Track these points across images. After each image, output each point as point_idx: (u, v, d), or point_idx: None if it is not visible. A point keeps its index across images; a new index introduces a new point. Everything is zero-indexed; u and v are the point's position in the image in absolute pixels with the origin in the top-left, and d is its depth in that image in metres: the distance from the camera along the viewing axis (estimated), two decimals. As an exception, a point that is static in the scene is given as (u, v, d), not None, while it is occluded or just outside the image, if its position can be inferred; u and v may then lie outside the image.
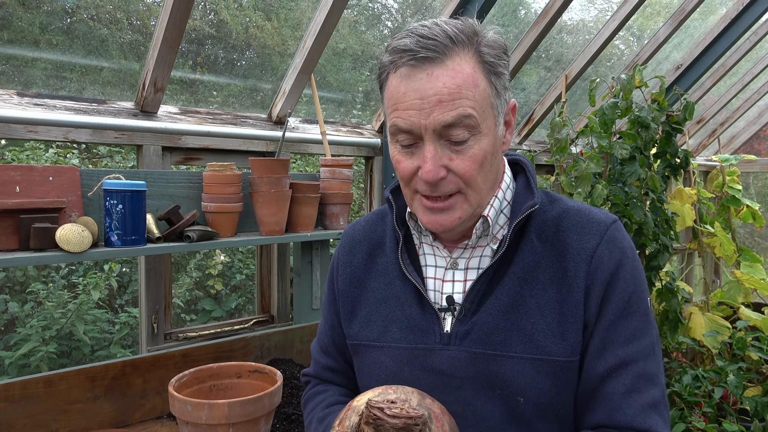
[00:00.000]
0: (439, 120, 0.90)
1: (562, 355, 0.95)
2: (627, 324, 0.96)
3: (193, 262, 4.27)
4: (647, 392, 0.94)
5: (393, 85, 0.95)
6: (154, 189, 1.87)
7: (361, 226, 1.20)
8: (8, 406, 1.60)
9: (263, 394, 1.50)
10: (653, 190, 2.88)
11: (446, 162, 0.93)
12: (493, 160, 0.97)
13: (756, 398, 2.84)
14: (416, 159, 0.95)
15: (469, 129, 0.92)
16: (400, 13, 3.04)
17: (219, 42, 2.33)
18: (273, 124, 2.43)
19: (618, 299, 0.96)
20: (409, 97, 0.92)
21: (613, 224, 1.01)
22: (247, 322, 2.43)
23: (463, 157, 0.93)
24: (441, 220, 0.97)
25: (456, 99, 0.90)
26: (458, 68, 0.91)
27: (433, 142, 0.92)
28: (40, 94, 1.86)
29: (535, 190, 1.04)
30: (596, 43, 3.32)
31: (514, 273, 0.99)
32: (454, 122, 0.91)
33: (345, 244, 1.20)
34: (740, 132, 5.46)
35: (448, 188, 0.95)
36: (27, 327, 3.46)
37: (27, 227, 1.53)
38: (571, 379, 0.97)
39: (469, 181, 0.94)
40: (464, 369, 0.98)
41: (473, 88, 0.92)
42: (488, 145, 0.95)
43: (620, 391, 0.93)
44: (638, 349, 0.96)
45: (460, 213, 0.97)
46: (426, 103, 0.91)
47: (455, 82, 0.90)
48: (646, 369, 0.95)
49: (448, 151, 0.93)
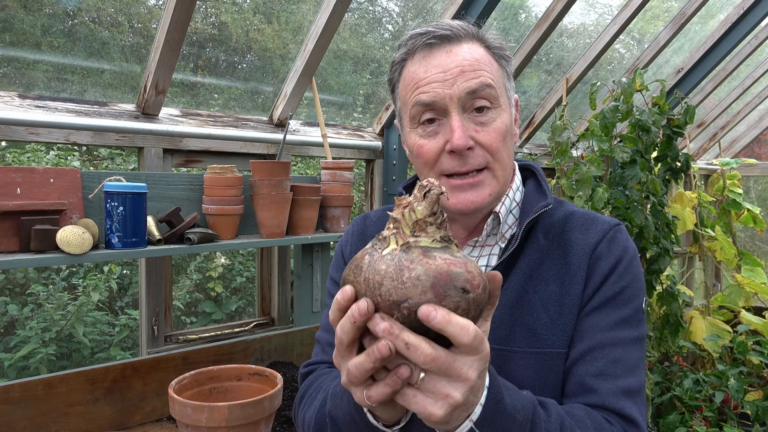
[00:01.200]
0: (464, 87, 0.93)
1: (561, 346, 0.96)
2: (612, 312, 0.95)
3: (194, 264, 4.27)
4: (623, 379, 0.92)
5: (411, 70, 0.98)
6: (155, 191, 1.87)
7: (372, 220, 1.20)
8: (8, 408, 1.60)
9: (263, 396, 1.50)
10: (654, 194, 2.88)
11: (472, 133, 0.95)
12: (510, 140, 1.00)
13: (757, 402, 2.83)
14: (441, 137, 0.96)
15: (491, 100, 0.96)
16: (400, 16, 3.04)
17: (220, 45, 2.33)
18: (274, 126, 2.43)
19: (608, 289, 0.96)
20: (431, 73, 0.95)
21: (617, 226, 1.03)
22: (248, 324, 2.42)
23: (488, 129, 0.96)
24: (472, 197, 0.97)
25: (477, 69, 0.95)
26: (473, 48, 0.97)
27: (458, 113, 0.95)
28: (42, 96, 1.86)
29: (547, 192, 1.06)
30: (597, 46, 3.33)
31: (520, 270, 1.00)
32: (478, 89, 0.94)
33: (356, 232, 1.19)
34: (741, 136, 5.46)
35: (476, 161, 0.96)
36: (26, 329, 3.46)
37: (28, 229, 1.53)
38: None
39: (496, 153, 0.96)
40: None
41: (489, 64, 0.97)
42: (508, 120, 0.98)
43: (592, 373, 0.92)
44: (618, 336, 0.94)
45: (490, 189, 0.98)
46: (449, 75, 0.94)
47: (474, 56, 0.96)
48: (624, 357, 0.93)
49: (473, 124, 0.96)
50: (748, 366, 3.43)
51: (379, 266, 0.65)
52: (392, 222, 0.70)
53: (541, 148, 3.80)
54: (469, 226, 1.06)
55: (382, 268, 0.65)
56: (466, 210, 0.99)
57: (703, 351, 3.54)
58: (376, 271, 0.65)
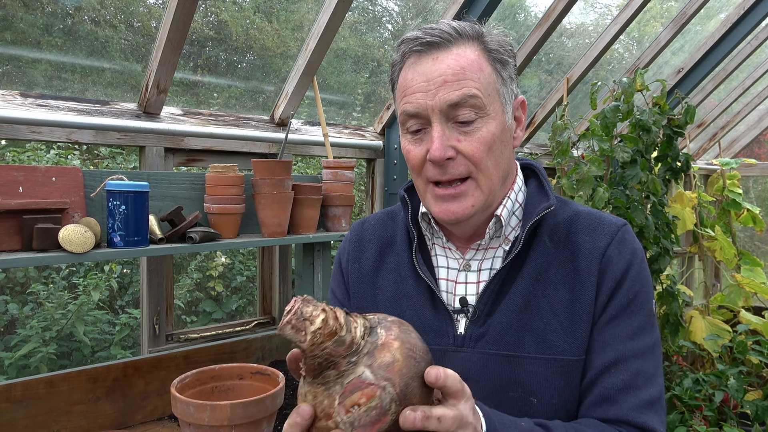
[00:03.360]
0: (444, 99, 0.92)
1: (573, 354, 0.95)
2: (629, 321, 0.97)
3: (194, 263, 4.27)
4: (645, 390, 0.94)
5: (402, 76, 0.98)
6: (156, 190, 1.87)
7: (370, 225, 1.19)
8: (9, 407, 1.60)
9: (266, 395, 1.50)
10: (654, 194, 2.88)
11: (454, 143, 0.94)
12: (502, 147, 0.98)
13: (756, 402, 2.84)
14: (425, 144, 0.96)
15: (476, 110, 0.93)
16: (401, 15, 3.04)
17: (220, 44, 2.33)
18: (275, 125, 2.43)
19: (623, 296, 0.97)
20: (416, 81, 0.94)
21: (624, 227, 1.03)
22: (249, 323, 2.43)
23: (471, 139, 0.94)
24: (453, 208, 0.97)
25: (460, 80, 0.93)
26: (462, 54, 0.94)
27: (440, 124, 0.93)
28: (43, 95, 1.86)
29: (549, 192, 1.05)
30: (597, 46, 3.33)
31: (527, 273, 0.99)
32: (460, 101, 0.92)
33: (353, 239, 1.18)
34: (740, 136, 5.47)
35: (457, 171, 0.95)
36: (27, 328, 3.46)
37: (30, 228, 1.53)
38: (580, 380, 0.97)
39: (479, 163, 0.95)
40: (477, 371, 0.98)
41: (478, 71, 0.94)
42: (496, 128, 0.95)
43: (617, 386, 0.93)
44: (638, 347, 0.96)
45: (473, 200, 0.97)
46: (431, 85, 0.93)
47: (459, 65, 0.93)
48: (645, 367, 0.95)
49: (456, 133, 0.94)
50: (747, 366, 3.44)
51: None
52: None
53: (541, 148, 3.80)
54: (465, 232, 1.05)
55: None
56: (448, 220, 0.99)
57: (703, 350, 3.55)
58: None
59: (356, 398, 0.67)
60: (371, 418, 0.67)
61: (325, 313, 0.69)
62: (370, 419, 0.67)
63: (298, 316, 0.67)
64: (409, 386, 0.69)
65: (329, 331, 0.68)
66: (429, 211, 1.02)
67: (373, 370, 0.68)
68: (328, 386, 0.69)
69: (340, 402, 0.67)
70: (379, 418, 0.67)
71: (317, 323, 0.68)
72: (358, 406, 0.67)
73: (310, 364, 0.69)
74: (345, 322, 0.70)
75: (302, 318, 0.68)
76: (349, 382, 0.68)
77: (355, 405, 0.67)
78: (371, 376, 0.68)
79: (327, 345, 0.68)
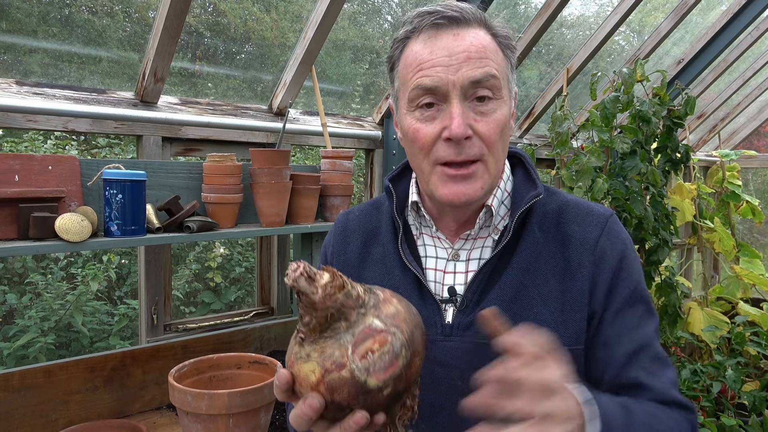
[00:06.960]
0: (468, 76, 0.90)
1: (564, 344, 0.95)
2: (634, 311, 0.98)
3: (193, 254, 4.27)
4: (665, 374, 0.96)
5: (415, 50, 0.95)
6: (154, 179, 1.86)
7: (354, 216, 1.18)
8: (7, 396, 1.60)
9: (263, 384, 1.50)
10: (654, 185, 2.87)
11: (471, 122, 0.92)
12: (507, 133, 0.98)
13: (754, 393, 2.84)
14: (439, 122, 0.93)
15: (493, 91, 0.93)
16: (400, 6, 3.02)
17: (218, 34, 2.32)
18: (273, 115, 2.42)
19: (625, 288, 0.97)
20: (436, 55, 0.92)
21: (612, 216, 1.03)
22: (247, 314, 2.42)
23: (487, 120, 0.93)
24: (464, 189, 0.95)
25: (483, 58, 0.92)
26: (480, 34, 0.94)
27: (459, 101, 0.91)
28: (40, 83, 1.85)
29: (537, 181, 1.04)
30: (597, 36, 3.31)
31: (516, 264, 0.99)
32: (482, 79, 0.91)
33: (337, 232, 1.17)
34: (740, 128, 5.45)
35: (472, 151, 0.93)
36: (25, 318, 3.46)
37: (26, 216, 1.53)
38: (575, 369, 0.97)
39: (492, 146, 0.94)
40: (466, 360, 0.98)
41: (495, 53, 0.94)
42: (507, 112, 0.96)
43: (644, 374, 0.95)
44: (647, 333, 0.98)
45: (482, 183, 0.95)
46: (454, 60, 0.91)
47: (481, 43, 0.93)
48: (658, 352, 0.98)
49: (472, 113, 0.93)
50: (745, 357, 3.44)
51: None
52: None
53: (541, 139, 3.79)
54: (460, 218, 1.04)
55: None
56: (457, 202, 0.96)
57: (701, 342, 3.55)
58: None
59: (370, 344, 0.71)
60: (385, 363, 0.71)
61: (329, 271, 0.74)
62: (384, 364, 0.71)
63: (309, 270, 0.72)
64: (414, 334, 0.75)
65: (339, 283, 0.73)
66: (433, 194, 0.99)
67: (381, 319, 0.73)
68: (338, 338, 0.73)
69: (353, 350, 0.71)
70: (392, 362, 0.72)
71: (326, 277, 0.72)
72: (372, 352, 0.71)
73: (320, 318, 0.72)
74: (348, 279, 0.76)
75: (312, 272, 0.72)
76: (361, 331, 0.72)
77: (369, 351, 0.71)
78: (381, 325, 0.73)
79: (338, 296, 0.72)
